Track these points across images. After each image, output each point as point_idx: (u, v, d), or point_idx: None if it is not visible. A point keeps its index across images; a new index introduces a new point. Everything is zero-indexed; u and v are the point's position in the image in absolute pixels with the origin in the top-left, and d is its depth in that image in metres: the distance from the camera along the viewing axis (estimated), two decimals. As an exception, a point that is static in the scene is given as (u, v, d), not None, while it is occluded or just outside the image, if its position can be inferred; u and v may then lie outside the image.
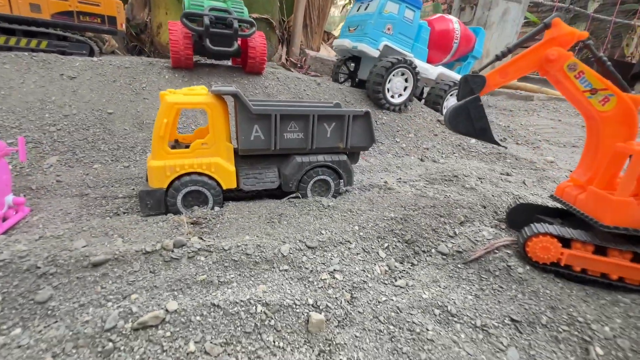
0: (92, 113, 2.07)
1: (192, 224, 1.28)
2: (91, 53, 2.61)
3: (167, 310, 0.90)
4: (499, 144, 1.29)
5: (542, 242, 1.16)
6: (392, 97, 2.92)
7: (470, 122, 1.18)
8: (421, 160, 2.61)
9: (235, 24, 2.30)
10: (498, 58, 1.17)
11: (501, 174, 2.39)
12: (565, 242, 1.16)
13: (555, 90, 1.04)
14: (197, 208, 1.38)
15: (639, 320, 1.00)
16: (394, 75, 2.83)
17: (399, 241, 1.38)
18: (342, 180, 1.61)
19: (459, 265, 1.30)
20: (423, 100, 3.58)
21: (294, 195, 1.54)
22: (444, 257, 1.34)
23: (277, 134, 1.42)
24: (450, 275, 1.27)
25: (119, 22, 2.62)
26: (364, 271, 1.20)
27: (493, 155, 2.82)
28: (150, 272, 1.02)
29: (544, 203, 1.66)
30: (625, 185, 1.01)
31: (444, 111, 3.36)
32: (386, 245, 1.34)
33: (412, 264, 1.32)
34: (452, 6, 8.81)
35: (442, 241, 1.41)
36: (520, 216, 1.47)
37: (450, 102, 3.41)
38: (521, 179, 2.30)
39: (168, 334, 0.86)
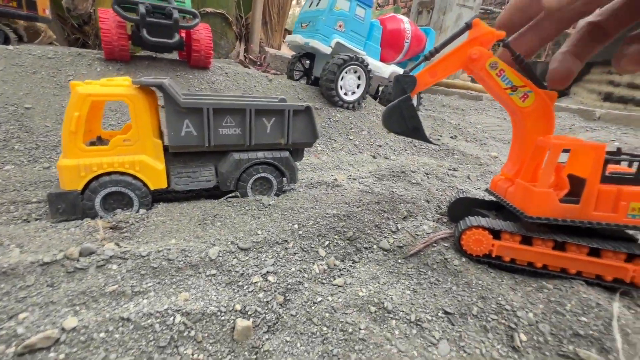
0: (4, 108, 1.83)
1: (110, 228, 1.15)
2: (6, 41, 2.31)
3: (63, 328, 0.78)
4: (431, 142, 1.32)
5: (475, 235, 1.18)
6: (346, 94, 2.91)
7: (404, 121, 1.19)
8: (373, 157, 2.62)
9: (176, 14, 2.15)
10: (427, 58, 1.18)
11: (449, 169, 2.47)
12: (496, 234, 1.19)
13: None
14: (120, 211, 1.25)
15: (559, 305, 1.04)
16: (346, 73, 2.82)
17: (340, 239, 1.34)
18: (285, 178, 1.55)
19: (399, 261, 1.29)
20: (378, 99, 3.63)
21: (232, 194, 1.46)
22: (385, 252, 1.33)
23: (211, 129, 1.33)
24: (391, 271, 1.25)
25: (40, 7, 2.34)
26: (301, 271, 1.15)
27: (442, 152, 2.91)
28: (48, 285, 0.89)
29: (483, 197, 1.72)
30: (544, 177, 1.05)
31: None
32: (327, 243, 1.30)
33: (353, 262, 1.30)
34: (411, 9, 9.11)
35: (385, 237, 1.40)
36: (460, 210, 1.50)
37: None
38: (466, 173, 2.39)
39: (62, 356, 0.75)
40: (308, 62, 3.46)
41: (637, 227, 1.00)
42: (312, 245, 1.27)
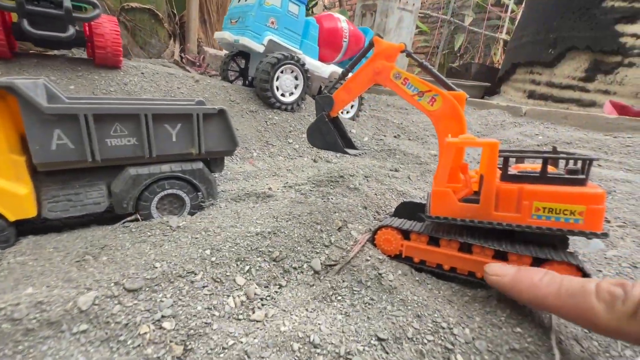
0: None
1: (-62, 281, 0.85)
2: None
3: None
4: (348, 153, 1.34)
5: (385, 235, 1.17)
6: (283, 95, 2.74)
7: (322, 137, 1.30)
8: (314, 161, 2.49)
9: (67, 3, 1.80)
10: (341, 78, 1.25)
11: (390, 170, 2.41)
12: (407, 235, 1.16)
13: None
14: (-39, 254, 0.94)
15: (494, 316, 0.97)
16: (282, 73, 2.65)
17: (264, 260, 1.17)
18: (200, 193, 1.33)
19: (332, 279, 1.15)
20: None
21: (132, 217, 1.21)
22: (317, 271, 1.18)
23: (94, 140, 1.07)
24: (322, 292, 1.10)
25: None
26: (210, 309, 0.95)
27: (384, 152, 2.87)
28: None
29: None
30: (440, 176, 0.99)
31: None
32: (247, 268, 1.12)
33: (280, 286, 1.13)
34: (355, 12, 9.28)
35: (317, 253, 1.25)
36: (405, 214, 1.42)
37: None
38: (407, 174, 2.35)
39: None
40: (243, 61, 3.23)
41: (548, 229, 0.93)
42: (228, 274, 1.07)
